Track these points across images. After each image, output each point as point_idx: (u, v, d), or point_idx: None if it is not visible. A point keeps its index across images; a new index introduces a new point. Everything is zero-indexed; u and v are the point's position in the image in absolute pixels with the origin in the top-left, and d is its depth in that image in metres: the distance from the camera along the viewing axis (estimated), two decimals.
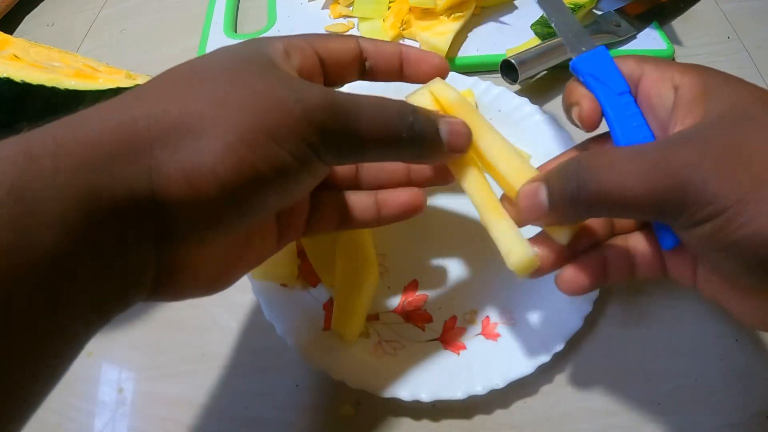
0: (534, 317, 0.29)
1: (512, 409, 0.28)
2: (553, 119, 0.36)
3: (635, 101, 0.24)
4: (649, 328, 0.30)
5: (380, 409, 0.28)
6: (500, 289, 0.31)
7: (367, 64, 0.24)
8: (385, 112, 0.20)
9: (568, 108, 0.25)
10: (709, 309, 0.31)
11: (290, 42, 0.21)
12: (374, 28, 0.44)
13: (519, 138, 0.36)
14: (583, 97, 0.25)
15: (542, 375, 0.28)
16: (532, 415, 0.28)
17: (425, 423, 0.28)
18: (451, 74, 0.39)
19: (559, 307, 0.29)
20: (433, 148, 0.21)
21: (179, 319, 0.32)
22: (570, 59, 0.42)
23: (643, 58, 0.24)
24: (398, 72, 0.25)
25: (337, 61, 0.23)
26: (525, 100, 0.37)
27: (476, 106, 0.38)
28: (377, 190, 0.26)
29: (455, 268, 0.32)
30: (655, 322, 0.31)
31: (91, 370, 0.31)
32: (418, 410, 0.28)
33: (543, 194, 0.20)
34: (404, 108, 0.21)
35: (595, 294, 0.29)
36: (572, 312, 0.29)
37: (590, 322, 0.30)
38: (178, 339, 0.31)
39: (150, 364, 0.31)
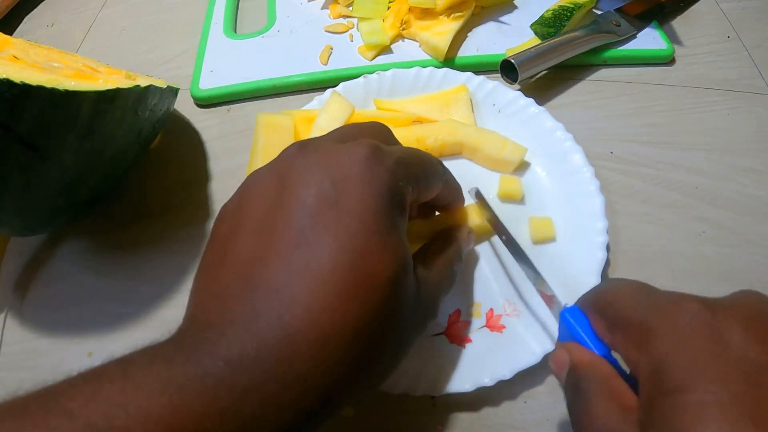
0: (538, 308, 0.30)
1: (512, 410, 0.28)
2: (547, 111, 0.36)
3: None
4: None
5: (380, 408, 0.28)
6: (503, 282, 0.31)
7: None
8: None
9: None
10: None
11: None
12: (374, 28, 0.44)
13: (515, 131, 0.36)
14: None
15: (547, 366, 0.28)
16: (532, 415, 0.28)
17: (425, 422, 0.28)
18: (445, 70, 0.39)
19: (561, 298, 0.29)
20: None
21: (179, 319, 0.32)
22: (569, 59, 0.43)
23: (617, 320, 0.20)
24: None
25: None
26: (519, 93, 0.37)
27: (470, 101, 0.38)
28: None
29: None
30: None
31: None
32: (418, 408, 0.28)
33: (563, 374, 0.22)
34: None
35: (596, 282, 0.29)
36: (575, 301, 0.29)
37: None
38: None
39: None
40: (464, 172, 0.35)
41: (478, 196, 0.31)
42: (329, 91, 0.39)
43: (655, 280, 0.32)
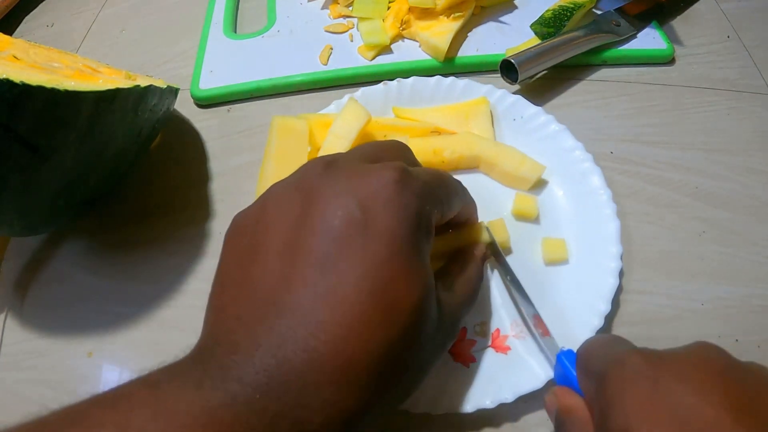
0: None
1: (520, 424, 0.28)
2: (568, 130, 0.35)
3: None
4: (653, 332, 0.30)
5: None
6: (510, 302, 0.31)
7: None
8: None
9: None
10: (709, 310, 0.31)
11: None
12: (374, 28, 0.43)
13: (534, 147, 0.36)
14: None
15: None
16: (540, 429, 0.28)
17: (425, 424, 0.28)
18: (466, 81, 0.39)
19: (570, 322, 0.29)
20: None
21: (179, 319, 0.32)
22: (569, 58, 0.43)
23: (585, 369, 0.22)
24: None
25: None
26: (540, 109, 0.37)
27: (491, 114, 0.37)
28: None
29: None
30: (658, 322, 0.31)
31: (91, 370, 0.31)
32: (418, 419, 0.28)
33: (552, 415, 0.23)
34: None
35: (606, 309, 0.29)
36: (583, 327, 0.28)
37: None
38: (178, 339, 0.31)
39: (150, 364, 0.31)
40: (480, 187, 0.35)
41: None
42: (347, 96, 0.38)
43: (655, 280, 0.32)
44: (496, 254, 0.30)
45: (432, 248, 0.28)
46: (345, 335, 0.18)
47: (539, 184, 0.35)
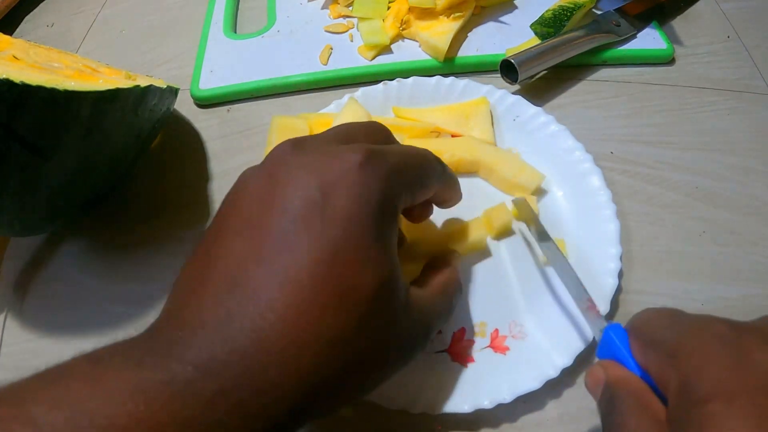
0: (543, 332, 0.29)
1: (518, 424, 0.28)
2: (567, 130, 0.35)
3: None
4: None
5: (379, 410, 0.28)
6: (510, 302, 0.31)
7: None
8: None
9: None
10: (709, 310, 0.31)
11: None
12: (374, 28, 0.44)
13: (534, 147, 0.36)
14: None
15: (550, 390, 0.28)
16: (538, 430, 0.28)
17: (425, 423, 0.28)
18: (466, 81, 0.39)
19: (569, 322, 0.29)
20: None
21: None
22: (569, 58, 0.43)
23: (650, 340, 0.21)
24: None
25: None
26: (540, 110, 0.37)
27: (491, 114, 0.37)
28: None
29: (464, 280, 0.32)
30: None
31: None
32: (417, 418, 0.28)
33: (598, 390, 0.21)
34: None
35: (605, 309, 0.29)
36: (582, 327, 0.28)
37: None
38: None
39: None
40: (479, 192, 0.35)
41: (520, 204, 0.31)
42: (347, 96, 0.38)
43: (655, 280, 0.32)
44: (540, 233, 0.29)
45: (418, 250, 0.28)
46: (294, 317, 0.17)
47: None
